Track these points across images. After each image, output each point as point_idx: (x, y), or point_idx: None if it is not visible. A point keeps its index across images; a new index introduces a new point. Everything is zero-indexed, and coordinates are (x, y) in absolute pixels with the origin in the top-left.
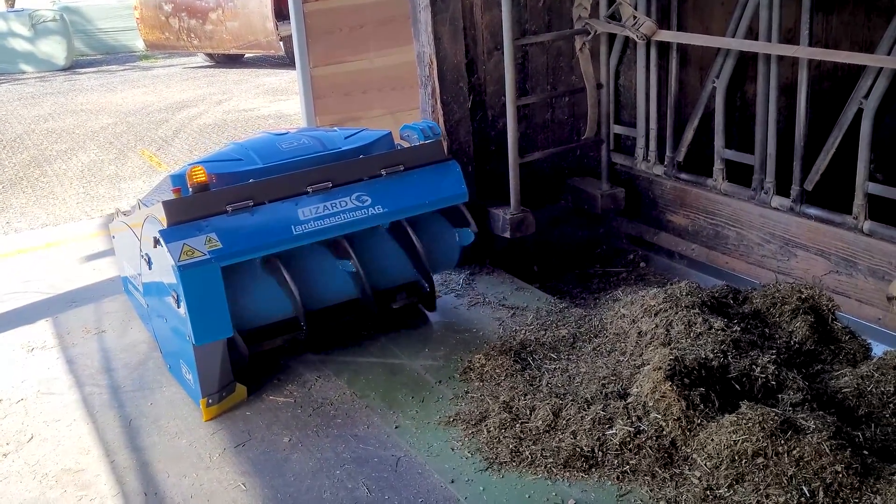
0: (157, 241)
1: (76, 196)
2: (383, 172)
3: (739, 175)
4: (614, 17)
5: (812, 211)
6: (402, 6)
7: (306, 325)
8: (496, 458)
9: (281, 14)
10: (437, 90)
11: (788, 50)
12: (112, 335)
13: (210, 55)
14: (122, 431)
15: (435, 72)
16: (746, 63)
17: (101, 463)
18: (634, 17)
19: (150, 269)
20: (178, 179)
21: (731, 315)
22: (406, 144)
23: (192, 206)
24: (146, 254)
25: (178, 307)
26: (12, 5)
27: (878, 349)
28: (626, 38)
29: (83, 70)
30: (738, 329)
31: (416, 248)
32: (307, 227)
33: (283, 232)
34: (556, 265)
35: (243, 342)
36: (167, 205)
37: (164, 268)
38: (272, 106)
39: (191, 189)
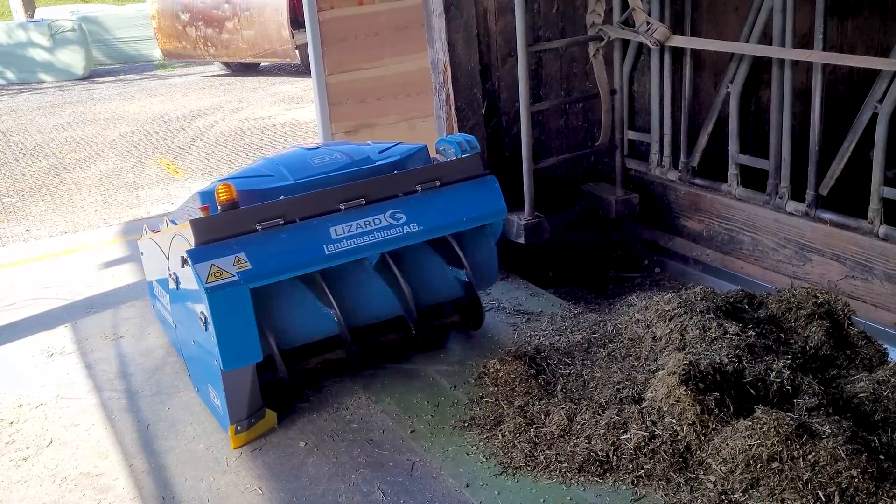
0: (184, 261)
1: (94, 204)
2: (419, 188)
3: (754, 180)
4: (628, 22)
5: (827, 215)
6: (417, 13)
7: (350, 345)
8: (511, 462)
9: (297, 22)
10: (452, 96)
11: (802, 55)
12: (130, 341)
13: (226, 64)
14: (139, 436)
15: (449, 78)
16: (761, 68)
17: (119, 467)
18: (648, 23)
19: (177, 288)
20: (207, 197)
21: (745, 320)
22: (441, 158)
23: (220, 225)
24: (174, 273)
25: (206, 329)
26: (31, 15)
27: (895, 354)
28: (640, 44)
29: (101, 79)
30: (753, 334)
31: (461, 263)
32: (339, 247)
33: (314, 251)
34: (570, 271)
35: (283, 363)
36: (195, 223)
37: (192, 288)
38: (288, 114)
39: (219, 207)
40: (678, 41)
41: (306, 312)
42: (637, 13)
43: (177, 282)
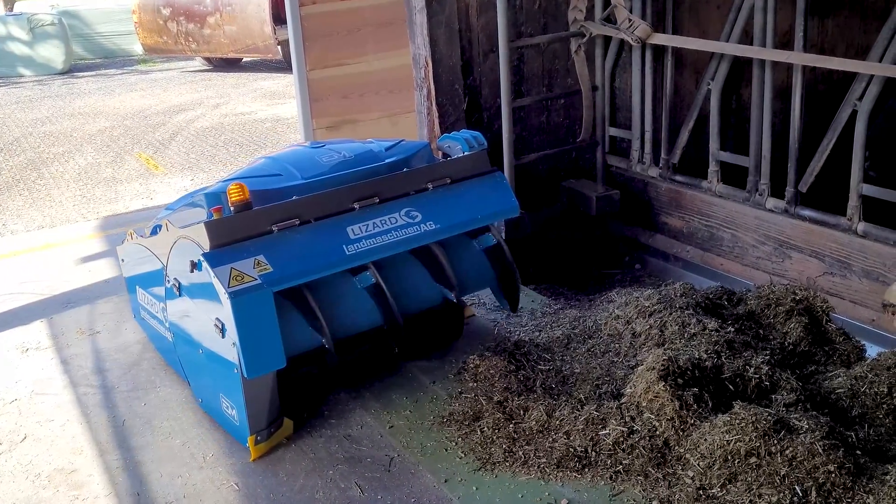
0: (194, 266)
1: (73, 198)
2: (430, 186)
3: (734, 177)
4: (609, 19)
5: (806, 213)
6: (400, 9)
7: (336, 356)
8: (489, 458)
9: (279, 18)
10: (433, 92)
11: (782, 56)
12: (106, 336)
13: (208, 59)
14: (115, 432)
15: (430, 74)
16: (742, 66)
17: (94, 463)
18: (629, 20)
19: (178, 296)
20: (214, 198)
21: (725, 316)
22: (439, 156)
23: (235, 227)
24: (174, 280)
25: (223, 337)
26: (11, 9)
27: (872, 350)
28: (622, 41)
29: (81, 74)
30: (732, 330)
31: (443, 268)
32: (359, 247)
33: (334, 252)
34: (551, 267)
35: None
36: (210, 225)
37: (205, 294)
38: (269, 110)
39: (232, 208)
40: (659, 39)
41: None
42: (619, 10)
43: (179, 289)
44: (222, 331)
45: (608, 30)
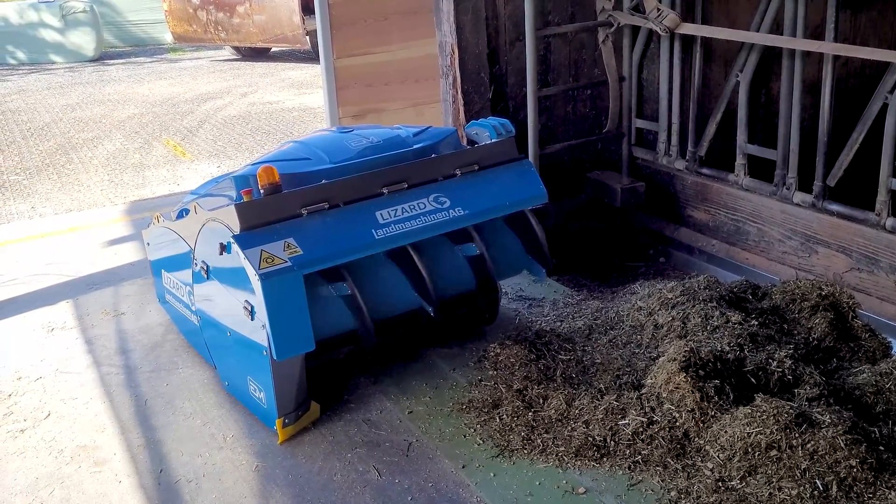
0: (223, 248)
1: (100, 183)
2: (458, 172)
3: (761, 171)
4: (638, 9)
5: (834, 207)
6: None
7: (373, 338)
8: (508, 445)
9: (308, 8)
10: (459, 80)
11: (812, 45)
12: (130, 317)
13: (237, 48)
14: (136, 411)
15: (456, 61)
16: (772, 60)
17: (115, 441)
18: (658, 10)
19: (206, 279)
20: (242, 181)
21: (749, 310)
22: (464, 143)
23: (265, 209)
24: (203, 262)
25: (252, 319)
26: None
27: None
28: (650, 32)
29: (111, 61)
30: (756, 323)
31: (482, 256)
32: (388, 231)
33: (364, 236)
34: (574, 258)
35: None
36: (240, 207)
37: (235, 276)
38: (297, 99)
39: (262, 191)
40: (688, 28)
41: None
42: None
43: (207, 271)
44: (251, 313)
45: (637, 19)
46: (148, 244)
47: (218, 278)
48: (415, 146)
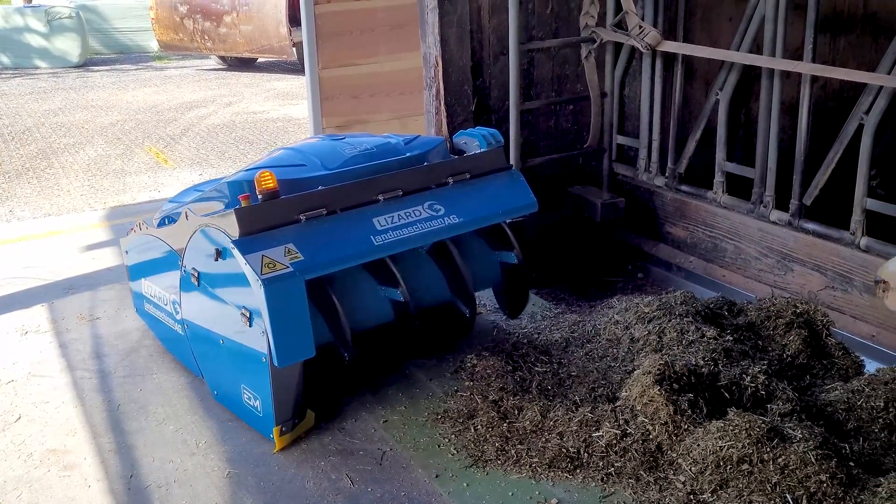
0: (220, 253)
1: (80, 188)
2: (450, 180)
3: (741, 190)
4: (621, 25)
5: (810, 226)
6: (414, 12)
7: (351, 350)
8: (482, 455)
9: (295, 19)
10: (442, 92)
11: (790, 65)
12: (106, 322)
13: (223, 58)
14: (109, 415)
15: (440, 73)
16: (752, 80)
17: (86, 445)
18: (640, 27)
19: (196, 286)
20: (238, 186)
21: (724, 326)
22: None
23: (265, 215)
24: (192, 269)
25: (250, 326)
26: (29, 1)
27: (871, 366)
28: (633, 49)
29: (96, 68)
30: (731, 339)
31: (457, 267)
32: (387, 238)
33: (363, 242)
34: (553, 272)
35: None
36: (240, 212)
37: (231, 283)
38: (281, 110)
39: (259, 196)
40: (669, 46)
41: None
42: (630, 17)
43: (198, 278)
44: (250, 320)
45: (619, 36)
46: (126, 252)
47: (211, 285)
48: (407, 154)
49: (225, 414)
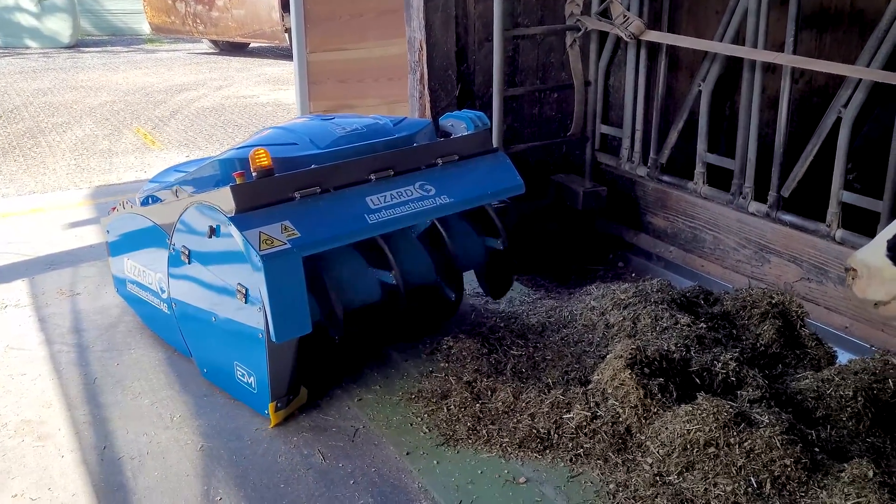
0: (213, 231)
1: (67, 167)
2: (439, 161)
3: (722, 181)
4: (606, 14)
5: (787, 217)
6: None
7: (341, 330)
8: (453, 434)
9: (287, 5)
10: (426, 76)
11: (770, 56)
12: (86, 298)
13: (215, 42)
14: (85, 389)
15: (424, 58)
16: (738, 74)
17: (61, 417)
18: (625, 16)
19: (187, 263)
20: (230, 164)
21: (699, 314)
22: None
23: (260, 192)
24: (182, 247)
25: (246, 302)
26: None
27: (844, 357)
28: (618, 39)
29: (87, 49)
30: (705, 326)
31: (446, 251)
32: (380, 216)
33: (358, 221)
34: (534, 259)
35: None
36: (236, 189)
37: (225, 260)
38: (271, 94)
39: (254, 173)
40: (652, 36)
41: None
42: (614, 5)
43: (189, 256)
44: (246, 296)
45: (603, 25)
46: (108, 232)
47: (203, 262)
48: (396, 135)
49: (201, 389)
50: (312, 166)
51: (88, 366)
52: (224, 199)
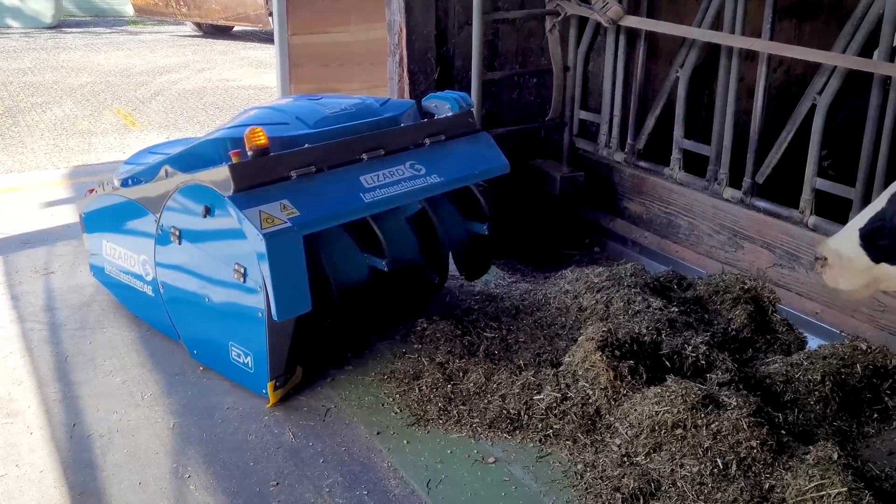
0: (208, 210)
1: (45, 147)
2: (427, 141)
3: (699, 169)
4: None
5: (761, 204)
6: None
7: (335, 312)
8: (424, 414)
9: None
10: (405, 59)
11: (746, 42)
12: (60, 277)
13: (198, 25)
14: (56, 366)
15: (404, 40)
16: (717, 61)
17: (31, 394)
18: (604, 2)
19: (177, 244)
20: (222, 143)
21: (672, 298)
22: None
23: (258, 171)
24: (171, 228)
25: (244, 281)
26: None
27: (814, 343)
28: (598, 25)
29: (69, 30)
30: (676, 310)
31: (435, 235)
32: (375, 195)
33: (354, 200)
34: (511, 243)
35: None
36: (234, 168)
37: (221, 239)
38: (253, 78)
39: (249, 152)
40: (631, 21)
41: None
42: None
43: (179, 236)
44: (244, 275)
45: (582, 10)
46: (84, 214)
47: (196, 242)
48: (384, 115)
49: (173, 368)
50: (306, 146)
51: (60, 344)
52: (221, 178)
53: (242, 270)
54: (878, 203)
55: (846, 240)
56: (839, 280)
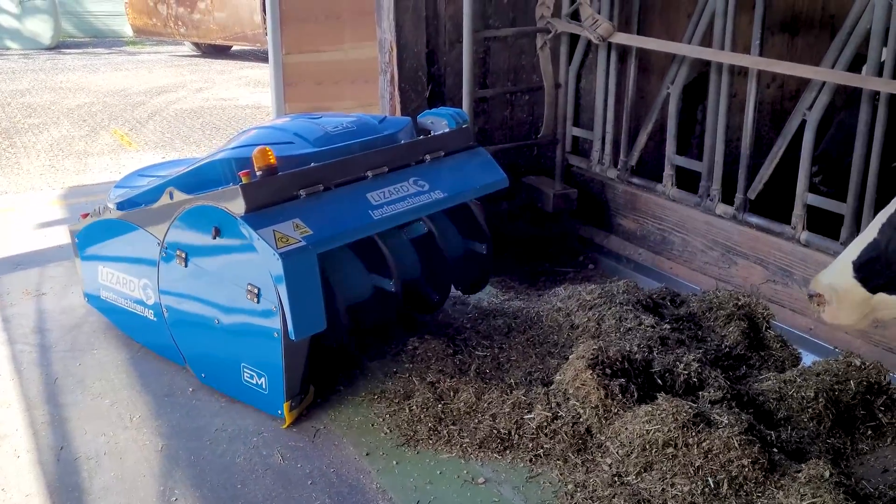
0: (218, 231)
1: (41, 168)
2: (427, 158)
3: (692, 185)
4: (576, 17)
5: (754, 220)
6: None
7: (344, 335)
8: (414, 435)
9: None
10: (396, 77)
11: (736, 58)
12: (52, 298)
13: (197, 45)
14: (45, 388)
15: (395, 59)
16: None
17: (19, 416)
18: (594, 19)
19: (184, 266)
20: (227, 164)
21: (664, 315)
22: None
23: (268, 191)
24: (177, 251)
25: (258, 302)
26: None
27: (808, 359)
28: (589, 42)
29: (68, 51)
30: (668, 328)
31: (437, 254)
32: (383, 212)
33: (363, 217)
34: (505, 261)
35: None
36: (246, 188)
37: (232, 260)
38: (251, 97)
39: (258, 172)
40: (621, 38)
41: None
42: (584, 7)
43: (186, 259)
44: (258, 296)
45: (573, 27)
46: (77, 240)
47: (204, 264)
48: (384, 132)
49: (162, 389)
50: (312, 164)
51: (50, 366)
52: (232, 198)
53: (256, 291)
54: (869, 233)
55: (839, 273)
56: (839, 315)
